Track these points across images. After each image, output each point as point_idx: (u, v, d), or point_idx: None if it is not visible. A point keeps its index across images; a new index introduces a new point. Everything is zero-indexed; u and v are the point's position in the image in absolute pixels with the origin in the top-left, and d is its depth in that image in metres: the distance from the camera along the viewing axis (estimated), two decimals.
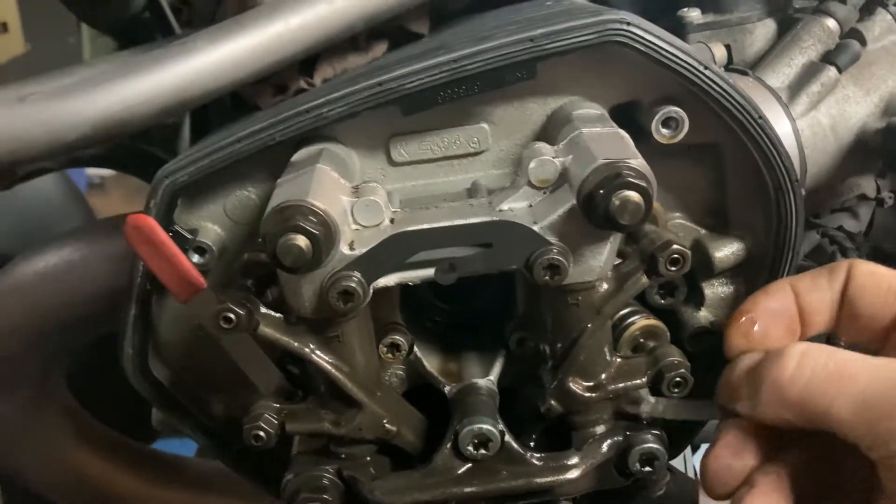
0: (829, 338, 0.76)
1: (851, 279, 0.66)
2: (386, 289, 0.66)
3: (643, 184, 0.58)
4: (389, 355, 0.73)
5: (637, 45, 0.67)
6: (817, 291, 0.67)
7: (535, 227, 0.62)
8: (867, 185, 0.95)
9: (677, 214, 0.80)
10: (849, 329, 0.67)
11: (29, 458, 1.04)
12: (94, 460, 1.10)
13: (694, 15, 0.87)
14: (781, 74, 0.85)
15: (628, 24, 0.67)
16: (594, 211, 0.59)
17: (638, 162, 0.60)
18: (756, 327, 0.67)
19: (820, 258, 0.90)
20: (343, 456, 0.71)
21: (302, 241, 0.59)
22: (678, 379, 0.69)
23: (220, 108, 0.86)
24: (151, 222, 0.66)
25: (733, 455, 0.63)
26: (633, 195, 0.58)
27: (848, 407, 0.56)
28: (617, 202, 0.58)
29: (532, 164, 0.65)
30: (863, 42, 0.85)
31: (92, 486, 1.07)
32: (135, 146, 1.00)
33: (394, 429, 0.70)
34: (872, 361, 0.58)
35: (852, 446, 0.57)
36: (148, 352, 0.79)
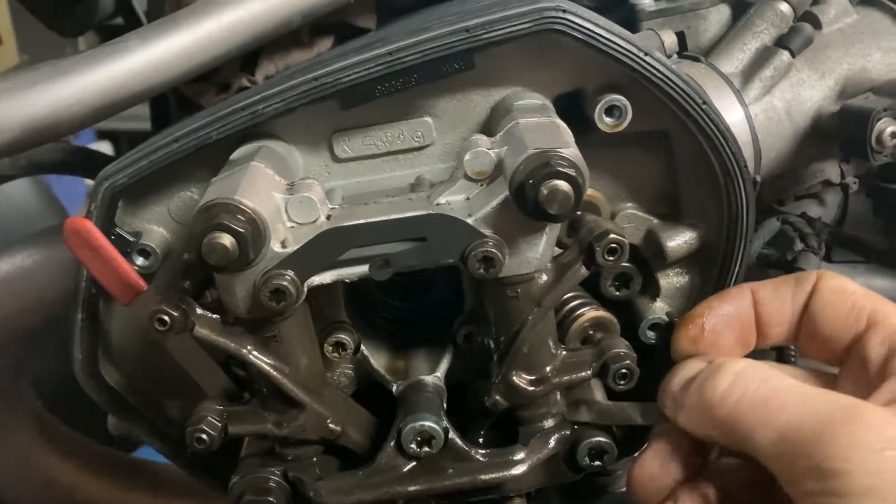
0: (781, 351, 0.74)
1: (816, 293, 0.63)
2: (328, 286, 0.65)
3: (572, 172, 0.57)
4: (335, 354, 0.72)
5: (573, 33, 0.66)
6: (779, 301, 0.64)
7: (470, 220, 0.61)
8: (831, 170, 0.93)
9: (629, 205, 0.78)
10: (807, 345, 0.64)
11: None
12: (62, 465, 1.09)
13: (646, 2, 0.86)
14: (735, 60, 0.83)
15: (564, 11, 0.66)
16: (525, 201, 0.58)
17: (569, 151, 0.59)
18: (706, 333, 0.64)
19: (782, 245, 0.89)
20: (290, 457, 0.70)
21: (227, 239, 0.58)
22: (623, 371, 0.68)
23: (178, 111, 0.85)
24: (89, 225, 0.66)
25: (660, 465, 0.61)
26: (562, 184, 0.57)
27: (769, 437, 0.52)
28: (546, 191, 0.57)
29: (467, 157, 0.64)
30: (817, 25, 0.83)
31: (61, 491, 1.07)
32: (103, 154, 1.00)
33: (338, 429, 0.69)
34: (806, 392, 0.54)
35: None
36: (98, 356, 0.78)
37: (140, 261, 0.73)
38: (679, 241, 0.77)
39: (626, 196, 0.78)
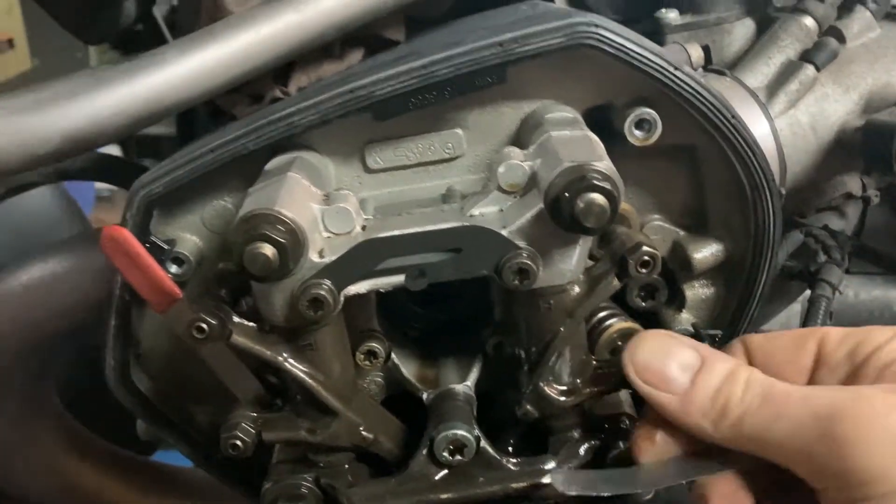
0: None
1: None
2: (361, 296, 0.66)
3: (608, 186, 0.58)
4: (367, 362, 0.73)
5: (606, 48, 0.67)
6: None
7: (504, 232, 0.62)
8: (853, 183, 0.94)
9: (656, 216, 0.79)
10: None
11: (21, 468, 1.04)
12: (86, 470, 1.10)
13: (672, 16, 0.87)
14: (760, 74, 0.84)
15: (596, 26, 0.67)
16: (560, 214, 0.59)
17: (604, 164, 0.60)
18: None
19: (804, 258, 0.90)
20: (321, 464, 0.71)
21: (268, 249, 0.59)
22: None
23: (208, 120, 0.86)
24: (126, 233, 0.66)
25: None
26: (598, 198, 0.58)
27: (783, 430, 0.54)
28: (582, 205, 0.58)
29: (501, 169, 0.65)
30: (841, 40, 0.84)
31: (83, 495, 1.07)
32: (127, 160, 1.01)
33: (370, 436, 0.70)
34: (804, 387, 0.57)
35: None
36: (130, 363, 0.79)
37: (174, 268, 0.74)
38: (705, 252, 0.78)
39: (653, 208, 0.79)
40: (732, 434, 0.57)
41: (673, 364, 0.61)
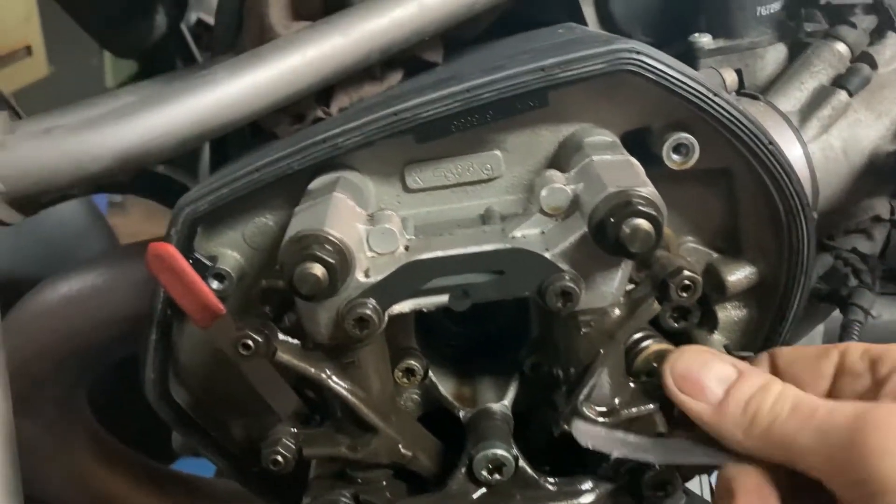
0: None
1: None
2: (401, 314, 0.67)
3: (653, 212, 0.59)
4: (405, 380, 0.74)
5: (647, 74, 0.68)
6: None
7: (547, 255, 0.63)
8: (881, 206, 0.94)
9: (689, 238, 0.80)
10: None
11: (53, 477, 1.06)
12: (115, 479, 1.12)
13: (705, 40, 0.88)
14: (793, 98, 0.85)
15: (638, 52, 0.68)
16: (605, 239, 0.60)
17: (648, 190, 0.61)
18: None
19: (834, 281, 0.90)
20: (360, 480, 0.72)
21: (318, 269, 0.60)
22: None
23: (238, 133, 0.88)
24: (172, 250, 0.68)
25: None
26: (644, 223, 0.59)
27: (809, 439, 0.56)
28: (627, 230, 0.59)
29: (544, 192, 0.66)
30: (873, 66, 0.85)
31: None
32: (152, 170, 1.02)
33: (409, 453, 0.70)
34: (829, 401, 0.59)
35: None
36: (169, 376, 0.81)
37: (215, 284, 0.75)
38: (739, 275, 0.78)
39: (687, 230, 0.80)
40: (761, 442, 0.60)
41: (710, 375, 0.63)
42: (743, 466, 0.61)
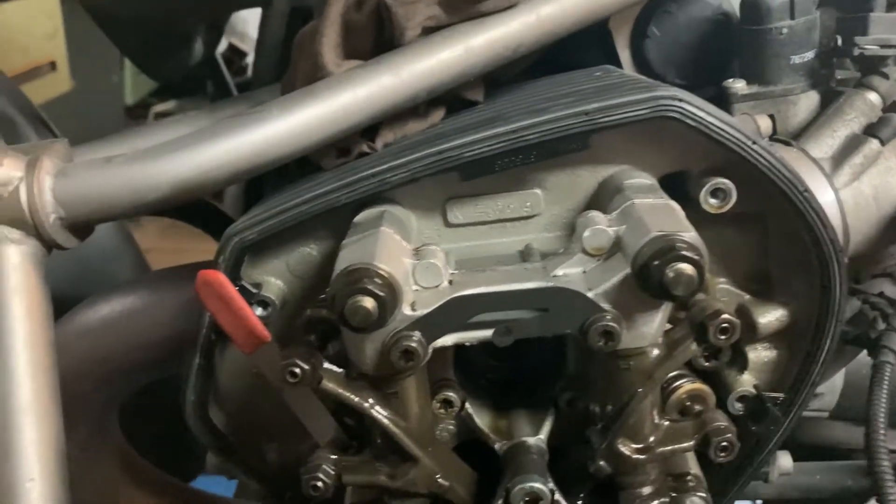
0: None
1: None
2: (442, 347, 0.68)
3: (696, 257, 0.61)
4: (442, 411, 0.76)
5: (688, 121, 0.71)
6: None
7: (590, 294, 0.65)
8: None
9: (722, 279, 0.82)
10: None
11: (84, 494, 1.07)
12: (141, 498, 1.13)
13: (739, 86, 0.90)
14: (825, 145, 0.87)
15: (680, 100, 0.70)
16: (649, 281, 0.62)
17: (691, 235, 0.63)
18: None
19: (861, 324, 0.92)
20: None
21: (369, 302, 0.62)
22: (725, 444, 0.71)
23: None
24: (222, 278, 0.70)
25: None
26: (687, 267, 0.61)
27: None
28: (671, 274, 0.61)
29: (587, 233, 0.68)
30: None
31: None
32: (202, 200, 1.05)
33: (446, 483, 0.72)
34: None
35: None
36: (209, 400, 0.82)
37: (259, 311, 0.77)
38: (770, 317, 0.80)
39: (720, 271, 0.81)
40: None
41: None
42: None
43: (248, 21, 3.14)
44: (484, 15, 0.77)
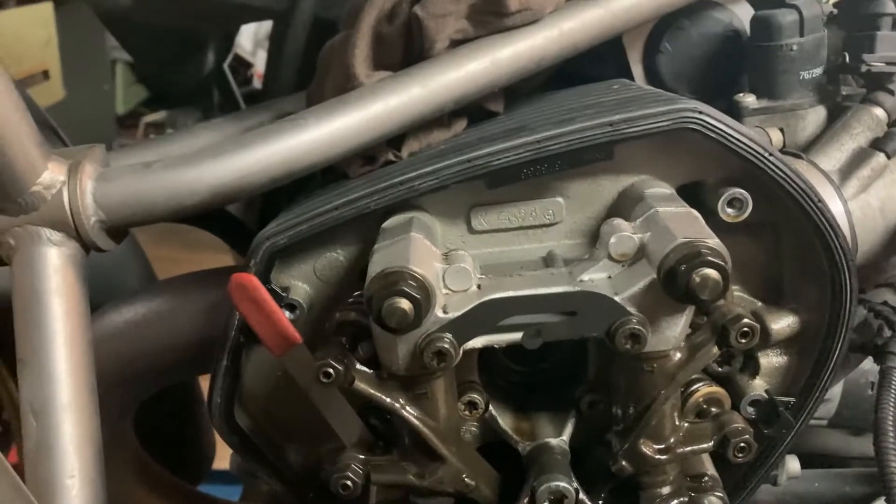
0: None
1: None
2: (467, 350, 0.71)
3: (721, 262, 0.64)
4: (466, 412, 0.77)
5: (707, 132, 0.73)
6: None
7: (617, 298, 0.67)
8: None
9: (736, 287, 0.84)
10: None
11: None
12: (153, 502, 1.14)
13: (749, 100, 0.93)
14: (833, 158, 0.90)
15: (700, 112, 0.73)
16: (675, 286, 0.64)
17: (715, 241, 0.65)
18: None
19: (865, 332, 0.95)
20: None
21: (405, 304, 0.64)
22: (742, 444, 0.73)
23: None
24: (255, 282, 0.72)
25: None
26: (713, 273, 0.63)
27: None
28: (697, 279, 0.63)
29: (613, 240, 0.70)
30: None
31: None
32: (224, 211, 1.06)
33: (472, 483, 0.74)
34: None
35: None
36: (234, 401, 0.84)
37: (287, 314, 0.79)
38: (782, 324, 0.83)
39: (733, 279, 0.83)
40: None
41: None
42: None
43: (241, 31, 3.16)
44: (510, 29, 0.80)
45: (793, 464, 1.03)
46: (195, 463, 1.48)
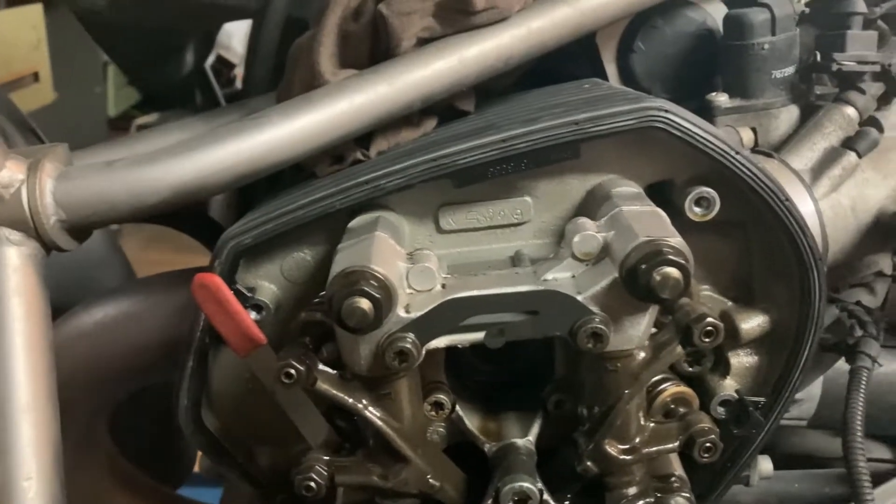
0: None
1: None
2: (434, 349, 0.70)
3: (682, 261, 0.63)
4: (433, 413, 0.77)
5: (674, 131, 0.73)
6: None
7: (579, 297, 0.67)
8: (884, 262, 0.99)
9: (705, 287, 0.84)
10: None
11: (72, 498, 1.07)
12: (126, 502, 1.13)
13: (722, 99, 0.93)
14: (804, 158, 0.90)
15: (666, 111, 0.73)
16: (636, 285, 0.64)
17: (677, 240, 0.65)
18: None
19: (838, 332, 0.95)
20: None
21: (365, 303, 0.64)
22: (708, 444, 0.73)
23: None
24: (218, 281, 0.71)
25: None
26: (674, 271, 0.63)
27: None
28: (658, 278, 0.63)
29: (576, 239, 0.70)
30: (880, 129, 0.90)
31: None
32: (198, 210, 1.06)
33: (437, 484, 0.73)
34: None
35: None
36: (201, 403, 0.83)
37: (253, 315, 0.79)
38: (752, 323, 0.82)
39: (702, 278, 0.84)
40: None
41: None
42: None
43: (233, 34, 3.15)
44: (477, 27, 0.79)
45: (765, 464, 1.03)
46: (176, 466, 1.47)
